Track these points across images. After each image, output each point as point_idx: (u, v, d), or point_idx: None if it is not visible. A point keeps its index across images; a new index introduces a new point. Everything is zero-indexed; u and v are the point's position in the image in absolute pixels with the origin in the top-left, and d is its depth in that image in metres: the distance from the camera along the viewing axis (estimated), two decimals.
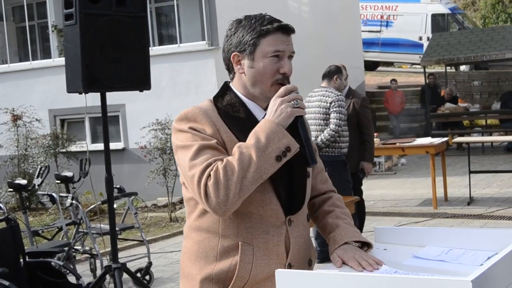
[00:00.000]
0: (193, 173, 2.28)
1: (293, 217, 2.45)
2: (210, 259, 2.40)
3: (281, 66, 2.42)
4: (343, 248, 2.39)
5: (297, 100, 2.35)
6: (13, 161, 12.75)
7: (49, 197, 7.37)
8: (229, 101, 2.47)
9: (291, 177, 2.46)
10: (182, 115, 2.41)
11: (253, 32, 2.43)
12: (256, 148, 2.25)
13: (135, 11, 5.32)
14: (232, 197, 2.22)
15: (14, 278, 5.01)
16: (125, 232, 8.16)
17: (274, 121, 2.31)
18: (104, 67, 5.14)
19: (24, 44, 15.22)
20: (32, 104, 13.02)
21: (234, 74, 2.51)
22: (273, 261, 2.39)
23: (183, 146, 2.36)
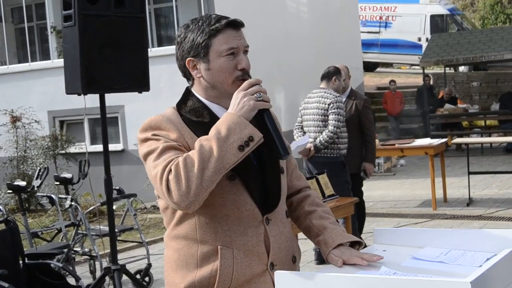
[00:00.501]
0: (156, 172, 2.25)
1: (270, 216, 2.42)
2: (191, 267, 2.38)
3: (238, 63, 2.40)
4: (338, 249, 2.38)
5: (261, 93, 2.31)
6: (12, 162, 12.72)
7: (48, 198, 7.36)
8: (192, 106, 2.44)
9: (263, 175, 2.42)
10: (145, 125, 2.39)
11: (203, 34, 2.38)
12: (216, 139, 2.21)
13: (134, 12, 5.33)
14: (194, 189, 2.18)
15: (13, 280, 5.00)
16: (124, 233, 8.14)
17: (235, 114, 2.26)
18: (103, 68, 5.14)
19: (23, 46, 15.22)
20: (31, 106, 13.01)
21: (193, 80, 2.47)
22: (254, 262, 2.37)
23: (148, 152, 2.34)
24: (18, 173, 12.37)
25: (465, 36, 17.03)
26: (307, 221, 2.55)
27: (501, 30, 17.76)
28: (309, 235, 2.55)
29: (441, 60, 16.28)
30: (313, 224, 2.53)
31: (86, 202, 10.72)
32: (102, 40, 5.13)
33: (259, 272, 2.38)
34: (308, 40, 15.95)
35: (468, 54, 15.96)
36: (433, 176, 9.81)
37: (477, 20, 30.35)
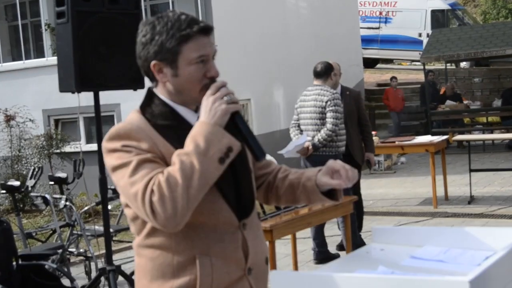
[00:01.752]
0: (135, 191, 2.16)
1: (246, 220, 2.39)
2: (167, 276, 2.30)
3: (207, 70, 2.32)
4: (319, 175, 2.46)
5: (229, 95, 2.25)
6: (6, 162, 12.67)
7: (42, 198, 7.32)
8: (157, 110, 2.35)
9: (236, 179, 2.39)
10: (113, 133, 2.27)
11: (173, 39, 2.28)
12: (196, 154, 2.15)
13: (128, 9, 5.29)
14: (181, 210, 2.13)
15: (6, 282, 5.00)
16: (120, 233, 8.09)
17: (209, 122, 2.21)
18: (97, 66, 5.10)
19: (17, 43, 15.20)
20: (25, 104, 12.94)
21: (157, 82, 2.38)
22: (232, 269, 2.34)
23: (119, 166, 2.23)
24: (12, 173, 12.32)
25: (466, 32, 16.96)
26: (285, 182, 2.56)
27: (503, 25, 17.70)
28: (292, 191, 2.55)
29: (442, 56, 16.21)
30: (291, 179, 2.55)
31: (82, 202, 10.66)
32: (96, 37, 5.09)
33: (237, 278, 2.35)
34: (307, 36, 15.93)
35: (469, 49, 15.88)
36: (434, 173, 9.76)
37: (478, 15, 30.36)
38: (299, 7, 16.30)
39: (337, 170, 2.40)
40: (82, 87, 5.10)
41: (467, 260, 2.18)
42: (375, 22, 24.11)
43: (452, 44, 16.19)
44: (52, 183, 7.93)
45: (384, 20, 24.01)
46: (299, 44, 15.52)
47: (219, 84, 2.27)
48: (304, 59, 15.63)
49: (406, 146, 10.41)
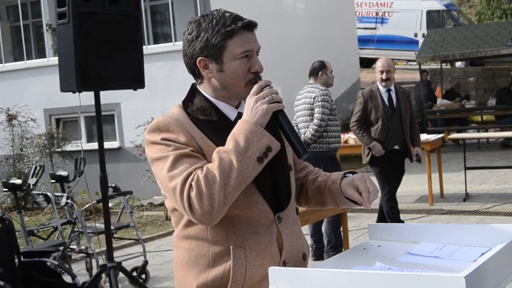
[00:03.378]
0: (174, 185, 2.22)
1: (282, 214, 2.41)
2: (203, 267, 2.35)
3: (251, 65, 2.36)
4: (344, 181, 2.48)
5: (272, 95, 2.27)
6: (9, 161, 12.72)
7: (44, 196, 7.35)
8: (199, 104, 2.40)
9: (274, 174, 2.41)
10: (153, 126, 2.34)
11: (218, 35, 2.32)
12: (235, 152, 2.19)
13: (129, 10, 5.33)
14: (217, 206, 2.17)
15: (9, 278, 5.00)
16: (121, 231, 8.15)
17: (251, 121, 2.24)
18: (98, 66, 5.14)
19: (19, 44, 15.19)
20: (27, 104, 12.99)
21: (202, 79, 2.42)
22: (266, 261, 2.35)
23: (158, 158, 2.29)
24: (14, 172, 12.38)
25: (461, 32, 17.03)
26: (315, 184, 2.60)
27: (497, 25, 17.76)
28: (319, 194, 2.58)
29: (437, 55, 16.28)
30: (319, 181, 2.59)
31: (83, 200, 10.71)
32: (97, 37, 5.13)
33: None
34: (304, 37, 15.95)
35: (464, 49, 15.96)
36: (429, 171, 9.82)
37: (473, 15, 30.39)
38: (297, 8, 16.32)
39: (360, 191, 2.40)
40: (83, 87, 5.14)
41: (462, 256, 2.21)
42: (372, 22, 24.13)
43: (447, 44, 16.26)
44: (54, 181, 7.97)
45: (381, 20, 24.03)
46: (296, 45, 15.55)
47: (262, 84, 2.30)
48: (301, 59, 15.65)
49: None
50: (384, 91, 7.84)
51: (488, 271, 1.94)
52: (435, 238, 2.39)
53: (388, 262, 2.19)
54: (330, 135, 7.18)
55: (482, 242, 2.29)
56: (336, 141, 7.27)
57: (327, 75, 7.34)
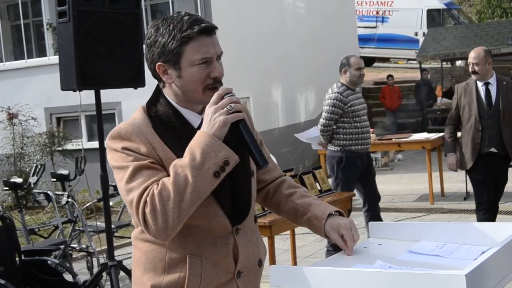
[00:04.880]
0: (131, 199, 2.20)
1: (240, 226, 2.41)
2: (159, 271, 2.35)
3: (211, 71, 2.31)
4: (329, 221, 2.45)
5: (231, 105, 2.21)
6: (9, 160, 12.74)
7: (45, 195, 7.37)
8: (161, 110, 2.36)
9: (235, 186, 2.39)
10: (115, 133, 2.31)
11: (174, 40, 2.28)
12: (191, 167, 2.15)
13: (129, 8, 5.31)
14: (171, 223, 2.15)
15: (9, 277, 5.01)
16: (122, 229, 8.15)
17: (208, 133, 2.18)
18: (98, 65, 5.13)
19: (19, 43, 15.20)
20: (27, 103, 13.00)
21: (163, 83, 2.39)
22: (222, 272, 2.36)
23: (118, 167, 2.27)
24: (15, 170, 12.39)
25: (461, 31, 17.04)
26: (289, 203, 2.57)
27: (498, 24, 17.77)
28: (294, 216, 2.56)
29: (437, 54, 16.29)
30: (297, 204, 2.54)
31: (84, 199, 10.72)
32: (97, 36, 5.12)
33: (226, 281, 2.38)
34: (305, 35, 15.95)
35: (464, 48, 15.95)
36: (430, 170, 9.84)
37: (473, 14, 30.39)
38: (297, 6, 16.31)
39: (346, 240, 2.38)
40: (83, 85, 5.13)
41: (463, 254, 2.21)
42: (372, 21, 24.13)
43: (447, 43, 16.27)
44: (54, 180, 7.98)
45: (381, 19, 24.03)
46: (296, 43, 15.54)
47: (222, 92, 2.24)
48: (302, 57, 15.68)
49: (403, 143, 10.49)
50: (481, 85, 6.78)
51: (489, 269, 1.95)
52: (435, 237, 2.39)
53: (388, 260, 2.20)
54: (341, 137, 7.00)
55: (483, 241, 2.29)
56: (350, 143, 7.01)
57: (350, 73, 7.01)
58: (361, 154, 7.06)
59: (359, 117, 7.02)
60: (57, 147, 12.74)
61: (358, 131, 7.03)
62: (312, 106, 16.40)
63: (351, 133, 7.03)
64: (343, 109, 6.93)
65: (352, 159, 7.01)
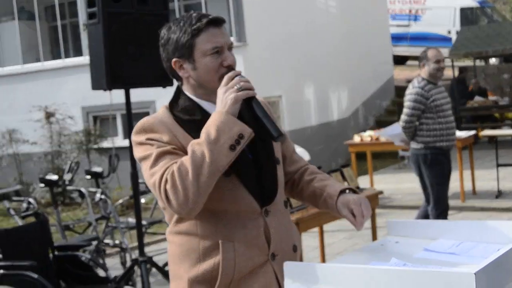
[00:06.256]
0: (154, 181, 2.29)
1: (269, 207, 2.47)
2: (194, 261, 2.42)
3: (223, 60, 2.41)
4: (341, 198, 2.51)
5: (241, 83, 2.32)
6: (47, 157, 12.98)
7: (78, 192, 7.51)
8: (183, 105, 2.47)
9: (259, 168, 2.46)
10: (139, 127, 2.41)
11: (185, 34, 2.40)
12: (207, 143, 2.24)
13: (157, 9, 5.42)
14: (192, 197, 2.23)
15: (42, 271, 5.11)
16: (154, 226, 8.26)
17: (221, 111, 2.29)
18: (127, 65, 5.24)
19: (57, 43, 15.39)
20: (65, 102, 13.21)
21: (181, 80, 2.50)
22: (255, 254, 2.42)
23: (143, 158, 2.37)
24: (52, 168, 12.61)
25: (494, 28, 16.83)
26: (310, 187, 2.64)
27: None
28: (314, 199, 2.63)
29: (470, 52, 16.12)
30: (315, 187, 2.62)
31: (118, 196, 10.86)
32: (126, 37, 5.23)
33: (261, 263, 2.43)
34: (336, 34, 15.92)
35: (498, 46, 15.77)
36: (461, 168, 9.76)
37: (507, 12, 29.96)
38: (329, 5, 16.27)
39: (355, 215, 2.45)
40: (113, 85, 5.25)
41: (479, 253, 2.21)
42: (405, 19, 23.92)
43: (480, 41, 16.09)
44: (89, 178, 8.13)
45: (414, 17, 23.82)
46: (329, 42, 15.51)
47: (232, 74, 2.35)
48: (334, 56, 15.65)
49: None
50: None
51: (500, 268, 1.93)
52: (453, 235, 2.39)
53: (404, 258, 2.21)
54: (425, 133, 6.78)
55: (501, 239, 2.28)
56: (434, 140, 6.78)
57: (429, 66, 6.75)
58: (446, 150, 6.86)
59: (442, 112, 6.78)
60: (93, 145, 12.92)
61: (442, 127, 6.79)
62: (345, 104, 16.37)
63: (434, 129, 6.78)
64: (425, 104, 6.71)
65: (437, 156, 6.81)
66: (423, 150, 6.81)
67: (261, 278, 2.42)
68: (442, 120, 6.80)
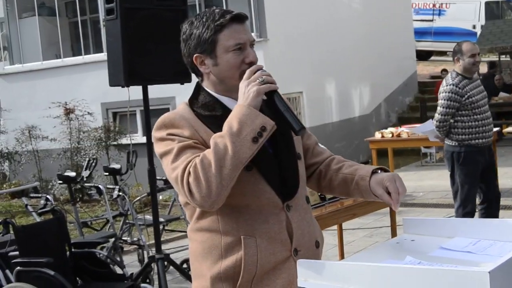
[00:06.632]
0: (176, 175, 2.28)
1: (290, 202, 2.45)
2: (216, 258, 2.40)
3: (245, 56, 2.41)
4: (373, 178, 2.47)
5: (263, 77, 2.31)
6: (66, 154, 13.05)
7: (96, 189, 7.53)
8: (203, 101, 2.46)
9: (280, 162, 2.45)
10: (159, 123, 2.41)
11: (208, 30, 2.39)
12: (230, 135, 2.24)
13: (175, 5, 5.39)
14: (215, 189, 2.22)
15: (59, 268, 5.13)
16: (172, 223, 8.26)
17: (243, 105, 2.28)
18: (145, 61, 5.22)
19: (77, 39, 15.49)
20: (84, 98, 13.29)
21: (202, 76, 2.49)
22: (277, 249, 2.40)
23: (164, 153, 2.36)
24: (72, 164, 12.68)
25: None
26: (339, 175, 2.60)
27: None
28: (345, 186, 2.58)
29: (494, 47, 15.97)
30: (345, 173, 2.58)
31: (137, 193, 10.89)
32: (144, 33, 5.21)
33: (283, 259, 2.41)
34: (358, 29, 15.85)
35: None
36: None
37: None
38: (352, 1, 16.23)
39: (390, 192, 2.41)
40: (131, 81, 5.23)
41: (496, 251, 2.17)
42: (429, 14, 23.77)
43: (505, 36, 15.93)
44: (107, 174, 8.15)
45: (438, 12, 23.65)
46: (350, 37, 15.46)
47: (253, 68, 2.35)
48: (356, 51, 15.58)
49: None
50: None
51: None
52: (470, 233, 2.35)
53: (419, 256, 2.18)
54: (460, 131, 6.60)
55: None
56: (470, 137, 6.60)
57: (463, 60, 6.54)
58: (482, 148, 6.64)
59: (478, 108, 6.58)
60: (112, 142, 12.97)
61: (478, 124, 6.59)
62: (367, 101, 16.29)
63: (470, 126, 6.59)
64: (460, 101, 6.52)
65: (472, 154, 6.61)
66: (457, 147, 6.62)
67: (284, 274, 2.40)
68: (478, 117, 6.59)
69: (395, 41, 17.43)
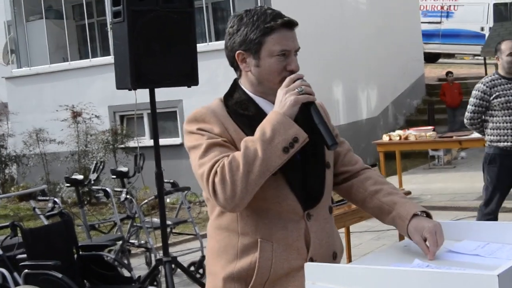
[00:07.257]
0: (202, 171, 2.28)
1: (312, 211, 2.42)
2: (231, 257, 2.40)
3: (288, 64, 2.39)
4: (413, 222, 2.38)
5: (302, 87, 2.30)
6: (74, 157, 13.07)
7: (103, 192, 7.54)
8: (238, 99, 2.45)
9: (306, 170, 2.42)
10: (191, 117, 2.41)
11: (257, 30, 2.37)
12: (261, 141, 2.22)
13: (182, 7, 5.39)
14: (239, 193, 2.21)
15: (67, 271, 5.14)
16: (180, 226, 8.26)
17: (279, 112, 2.26)
18: (152, 64, 5.22)
19: (84, 42, 15.50)
20: (92, 101, 13.31)
21: (240, 72, 2.48)
22: (293, 257, 2.37)
23: (193, 147, 2.36)
24: (79, 167, 12.70)
25: None
26: (374, 201, 2.54)
27: None
28: (380, 214, 2.52)
29: None
30: (382, 202, 2.51)
31: (145, 196, 10.89)
32: (151, 35, 5.21)
33: (298, 267, 2.36)
34: (366, 31, 15.82)
35: None
36: None
37: None
38: (359, 2, 16.21)
39: (430, 245, 2.31)
40: (138, 84, 5.23)
41: (505, 254, 2.17)
42: (437, 16, 23.73)
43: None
44: (114, 177, 8.16)
45: (446, 14, 23.60)
46: (358, 38, 15.43)
47: (294, 77, 2.34)
48: (363, 53, 15.55)
49: (463, 140, 10.28)
50: None
51: None
52: (479, 236, 2.36)
53: (428, 259, 2.20)
54: (489, 131, 6.40)
55: None
56: (498, 139, 6.36)
57: (502, 59, 6.32)
58: (510, 152, 6.33)
59: (510, 110, 6.31)
60: (119, 145, 12.99)
61: (507, 126, 6.31)
62: (374, 103, 16.26)
63: (499, 127, 6.34)
64: (488, 101, 6.32)
65: (499, 157, 6.35)
66: (487, 148, 6.47)
67: (297, 281, 2.37)
68: (507, 119, 6.32)
69: (403, 43, 17.40)
